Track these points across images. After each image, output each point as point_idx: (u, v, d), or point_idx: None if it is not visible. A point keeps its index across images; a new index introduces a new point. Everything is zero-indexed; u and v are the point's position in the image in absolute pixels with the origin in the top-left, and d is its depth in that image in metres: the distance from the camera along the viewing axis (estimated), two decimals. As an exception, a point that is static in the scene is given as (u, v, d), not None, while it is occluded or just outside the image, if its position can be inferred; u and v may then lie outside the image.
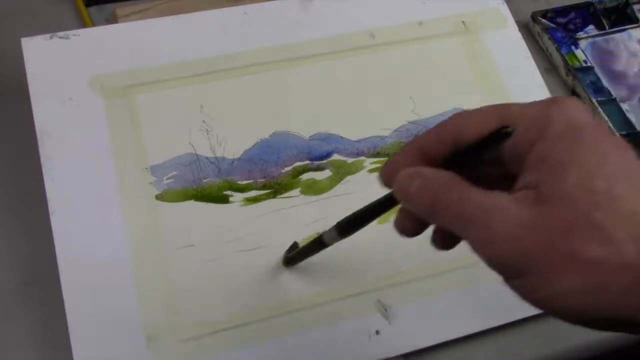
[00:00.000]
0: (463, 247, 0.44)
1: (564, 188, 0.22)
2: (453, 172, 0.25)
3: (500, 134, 0.25)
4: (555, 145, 0.23)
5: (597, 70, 0.56)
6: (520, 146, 0.24)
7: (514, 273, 0.24)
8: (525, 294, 0.24)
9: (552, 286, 0.22)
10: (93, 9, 0.52)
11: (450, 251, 0.44)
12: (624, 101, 0.55)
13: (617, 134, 0.52)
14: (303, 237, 0.42)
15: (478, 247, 0.24)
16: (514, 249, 0.23)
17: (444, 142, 0.26)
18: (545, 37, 0.57)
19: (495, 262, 0.24)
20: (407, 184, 0.26)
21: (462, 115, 0.27)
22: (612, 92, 0.55)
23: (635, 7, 0.60)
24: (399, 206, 0.28)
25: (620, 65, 0.57)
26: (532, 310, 0.42)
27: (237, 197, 0.43)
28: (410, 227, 0.27)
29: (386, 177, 0.28)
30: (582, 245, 0.21)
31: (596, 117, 0.23)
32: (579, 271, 0.22)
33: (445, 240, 0.28)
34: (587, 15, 0.59)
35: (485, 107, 0.26)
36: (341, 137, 0.46)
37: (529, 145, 0.24)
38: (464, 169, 0.25)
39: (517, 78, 0.50)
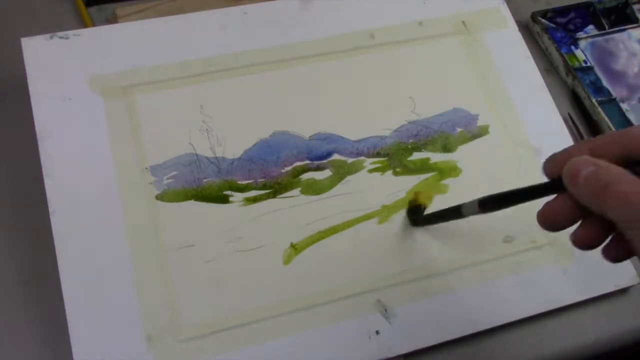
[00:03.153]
0: (463, 248, 0.44)
1: None
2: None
3: None
4: None
5: (597, 70, 0.56)
6: None
7: None
8: None
9: None
10: (93, 9, 0.52)
11: (449, 251, 0.44)
12: (624, 101, 0.55)
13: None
14: (303, 237, 0.42)
15: None
16: None
17: (617, 148, 0.27)
18: (545, 37, 0.57)
19: None
20: (579, 168, 0.27)
21: None
22: (612, 92, 0.55)
23: (635, 7, 0.60)
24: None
25: (620, 65, 0.57)
26: (532, 310, 0.43)
27: (237, 197, 0.43)
28: (559, 219, 0.28)
29: (553, 163, 0.29)
30: None
31: None
32: None
33: (617, 251, 0.28)
34: (586, 15, 0.59)
35: None
36: (341, 137, 0.46)
37: None
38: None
39: (517, 78, 0.50)
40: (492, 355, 0.43)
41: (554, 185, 0.29)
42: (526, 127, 0.48)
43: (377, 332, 0.40)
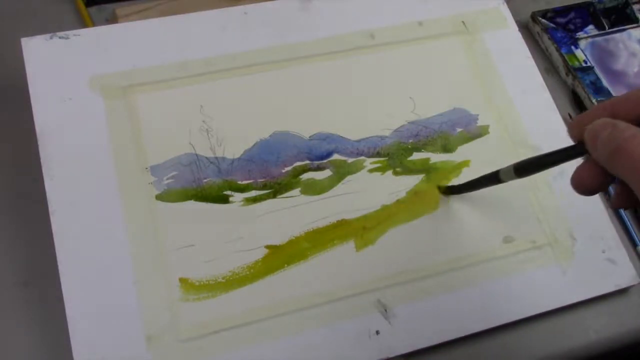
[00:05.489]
0: (463, 248, 0.44)
1: None
2: None
3: None
4: None
5: (597, 70, 0.56)
6: None
7: None
8: None
9: None
10: (93, 9, 0.52)
11: (449, 251, 0.44)
12: (624, 101, 0.55)
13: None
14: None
15: None
16: None
17: (638, 108, 0.27)
18: (545, 37, 0.57)
19: None
20: (598, 131, 0.27)
21: None
22: (612, 92, 0.55)
23: (635, 7, 0.60)
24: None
25: (620, 65, 0.57)
26: (532, 310, 0.43)
27: (237, 197, 0.43)
28: (588, 182, 0.28)
29: (576, 126, 0.29)
30: None
31: None
32: None
33: (625, 199, 0.29)
34: (586, 15, 0.59)
35: None
36: (341, 137, 0.46)
37: None
38: None
39: (517, 78, 0.50)
40: (492, 355, 0.43)
41: (580, 148, 0.29)
42: (526, 127, 0.48)
43: (377, 332, 0.40)
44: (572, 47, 0.57)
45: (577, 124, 0.29)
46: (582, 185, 0.29)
